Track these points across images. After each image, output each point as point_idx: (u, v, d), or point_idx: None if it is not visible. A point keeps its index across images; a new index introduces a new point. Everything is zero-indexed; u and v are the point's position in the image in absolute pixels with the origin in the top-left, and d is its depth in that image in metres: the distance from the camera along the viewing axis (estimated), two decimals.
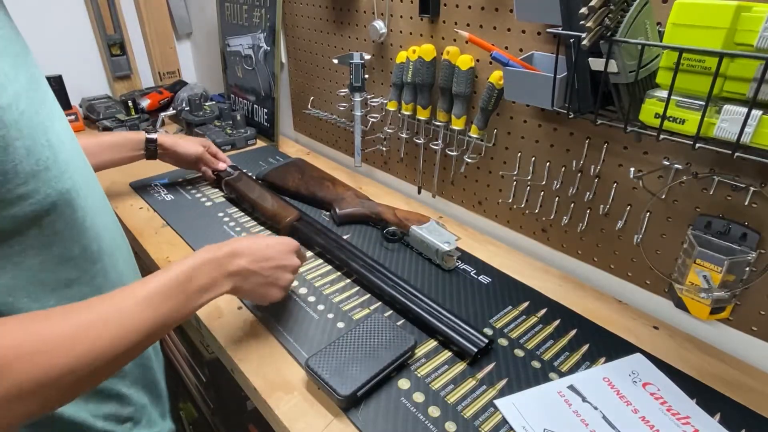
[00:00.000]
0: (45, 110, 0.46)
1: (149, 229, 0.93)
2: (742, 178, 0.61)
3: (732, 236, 0.63)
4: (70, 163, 0.48)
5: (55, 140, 0.46)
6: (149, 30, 1.61)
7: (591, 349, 0.67)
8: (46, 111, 0.47)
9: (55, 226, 0.46)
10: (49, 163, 0.44)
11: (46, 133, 0.45)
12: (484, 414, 0.57)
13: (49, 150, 0.44)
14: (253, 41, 1.33)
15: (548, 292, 0.78)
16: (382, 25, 0.97)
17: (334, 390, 0.56)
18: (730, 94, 0.50)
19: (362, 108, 1.05)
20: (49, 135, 0.45)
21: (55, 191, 0.45)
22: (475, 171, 0.94)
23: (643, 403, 0.59)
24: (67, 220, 0.47)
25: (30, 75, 0.46)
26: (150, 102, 1.51)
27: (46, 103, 0.47)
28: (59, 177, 0.45)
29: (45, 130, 0.45)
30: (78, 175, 0.49)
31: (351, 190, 1.01)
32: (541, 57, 0.72)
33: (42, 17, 1.42)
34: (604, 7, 0.52)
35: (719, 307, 0.67)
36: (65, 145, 0.48)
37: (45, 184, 0.43)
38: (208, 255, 0.56)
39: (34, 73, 0.48)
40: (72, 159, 0.49)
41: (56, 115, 0.50)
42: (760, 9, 0.46)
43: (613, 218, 0.76)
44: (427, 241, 0.82)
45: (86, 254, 0.51)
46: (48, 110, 0.47)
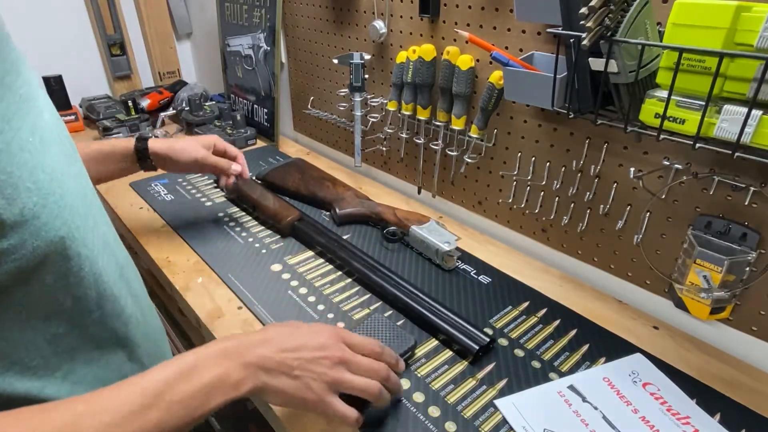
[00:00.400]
0: (36, 140, 0.39)
1: (149, 229, 0.93)
2: (742, 178, 0.61)
3: (732, 236, 0.63)
4: (66, 202, 0.40)
5: (46, 178, 0.38)
6: (149, 30, 1.61)
7: (591, 349, 0.67)
8: (38, 139, 0.39)
9: (43, 280, 0.39)
10: (37, 209, 0.37)
11: (34, 173, 0.37)
12: (484, 414, 0.57)
13: (38, 193, 0.37)
14: (253, 41, 1.33)
15: (548, 292, 0.78)
16: (382, 25, 0.97)
17: None
18: (730, 94, 0.50)
19: (362, 108, 1.05)
20: (37, 175, 0.37)
21: (45, 242, 0.38)
22: (475, 171, 0.94)
23: (643, 403, 0.59)
24: (58, 272, 0.40)
25: (18, 97, 0.38)
26: (150, 102, 1.51)
27: (36, 130, 0.39)
28: (50, 224, 0.38)
29: (32, 170, 0.37)
30: (76, 215, 0.42)
31: (351, 190, 1.01)
32: (541, 57, 0.72)
33: (42, 17, 1.42)
34: (604, 7, 0.52)
35: (719, 307, 0.67)
36: (60, 179, 0.40)
37: (32, 236, 0.37)
38: (227, 342, 0.45)
39: (25, 93, 0.40)
40: (68, 194, 0.41)
41: (51, 138, 0.42)
42: (760, 9, 0.46)
43: (613, 218, 0.76)
44: (427, 241, 0.82)
45: (80, 304, 0.43)
46: (40, 137, 0.39)
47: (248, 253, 0.85)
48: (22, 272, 0.37)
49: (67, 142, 0.46)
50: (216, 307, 0.74)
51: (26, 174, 0.36)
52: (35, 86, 0.42)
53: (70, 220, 0.40)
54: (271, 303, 0.74)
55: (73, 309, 0.43)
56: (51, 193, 0.38)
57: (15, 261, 0.36)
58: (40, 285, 0.39)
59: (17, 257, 0.36)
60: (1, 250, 0.35)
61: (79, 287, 0.42)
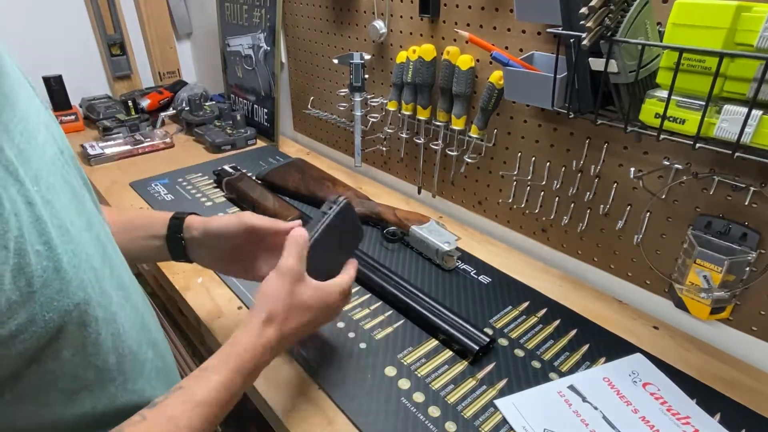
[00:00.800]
0: (42, 188, 0.33)
1: None
2: (742, 178, 0.61)
3: (732, 236, 0.63)
4: (81, 258, 0.35)
5: (57, 234, 0.33)
6: (149, 30, 1.61)
7: (591, 349, 0.67)
8: (44, 187, 0.33)
9: (60, 356, 0.34)
10: (48, 276, 0.31)
11: (43, 232, 0.32)
12: (484, 414, 0.57)
13: (49, 255, 0.32)
14: (253, 41, 1.33)
15: (548, 292, 0.78)
16: (382, 25, 0.97)
17: None
18: (730, 94, 0.50)
19: (362, 108, 1.05)
20: (48, 233, 0.32)
21: (59, 312, 0.32)
22: (475, 171, 0.94)
23: (643, 403, 0.59)
24: (76, 343, 0.35)
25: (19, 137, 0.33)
26: (150, 102, 1.51)
27: (41, 176, 0.33)
28: (64, 290, 0.33)
29: (43, 229, 0.31)
30: (91, 270, 0.36)
31: (351, 190, 1.01)
32: (541, 57, 0.72)
33: (42, 17, 1.42)
34: (604, 7, 0.52)
35: (719, 307, 0.67)
36: (71, 230, 0.35)
37: (43, 308, 0.31)
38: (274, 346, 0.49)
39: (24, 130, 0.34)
40: (82, 246, 0.36)
41: (56, 178, 0.36)
42: (760, 9, 0.46)
43: (613, 218, 0.76)
44: (427, 241, 0.82)
45: (103, 375, 0.39)
46: (45, 184, 0.34)
47: None
48: (35, 352, 0.32)
49: (73, 172, 0.41)
50: (216, 307, 0.74)
51: (34, 235, 0.31)
52: (33, 114, 0.37)
53: (86, 279, 0.35)
54: None
55: (96, 381, 0.38)
56: (64, 253, 0.33)
57: (25, 342, 0.31)
58: (58, 362, 0.34)
59: (27, 336, 0.31)
60: (9, 333, 0.30)
61: (98, 355, 0.38)
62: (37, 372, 0.33)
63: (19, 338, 0.30)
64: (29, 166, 0.33)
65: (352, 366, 0.63)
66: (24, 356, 0.32)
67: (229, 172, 1.05)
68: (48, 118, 0.40)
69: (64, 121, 1.41)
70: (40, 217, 0.32)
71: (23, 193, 0.31)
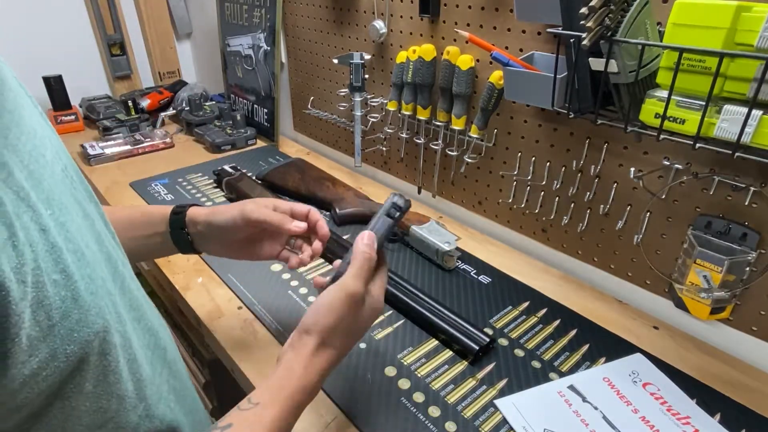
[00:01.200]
0: (54, 211, 0.31)
1: None
2: (742, 178, 0.61)
3: (732, 236, 0.63)
4: (97, 284, 0.33)
5: (73, 260, 0.31)
6: (149, 30, 1.61)
7: (591, 349, 0.67)
8: (56, 209, 0.31)
9: (83, 389, 0.32)
10: (66, 306, 0.29)
11: (60, 259, 0.29)
12: (485, 414, 0.57)
13: (66, 284, 0.30)
14: (253, 41, 1.33)
15: (548, 292, 0.78)
16: (382, 25, 0.97)
17: None
18: (731, 94, 0.50)
19: (362, 108, 1.05)
20: (64, 260, 0.30)
21: (80, 343, 0.31)
22: (475, 171, 0.94)
23: (643, 403, 0.59)
24: (98, 373, 0.33)
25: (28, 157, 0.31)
26: (150, 102, 1.51)
27: (53, 197, 0.31)
28: (83, 320, 0.31)
29: (59, 256, 0.29)
30: (106, 293, 0.35)
31: (351, 190, 1.01)
32: (541, 57, 0.72)
33: (42, 17, 1.42)
34: (604, 7, 0.52)
35: (719, 307, 0.67)
36: (85, 252, 0.33)
37: (64, 341, 0.29)
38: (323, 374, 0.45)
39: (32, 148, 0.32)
40: (96, 268, 0.34)
41: (66, 196, 0.34)
42: (760, 9, 0.46)
43: (613, 218, 0.76)
44: (428, 241, 0.82)
45: (124, 404, 0.37)
46: (57, 204, 0.32)
47: None
48: (58, 387, 0.30)
49: (78, 183, 0.38)
50: (216, 307, 0.74)
51: (50, 264, 0.29)
52: (39, 127, 0.35)
53: (103, 305, 0.33)
54: (271, 303, 0.73)
55: (119, 411, 0.36)
56: (81, 279, 0.31)
57: (48, 378, 0.29)
58: (81, 396, 0.32)
59: (50, 373, 0.29)
60: (30, 373, 0.28)
61: (119, 384, 0.36)
62: (62, 409, 0.32)
63: (42, 375, 0.29)
64: (40, 187, 0.31)
65: (352, 366, 0.63)
66: (47, 393, 0.30)
67: (229, 172, 1.05)
68: (50, 132, 0.37)
69: (64, 121, 1.41)
70: (55, 244, 0.30)
71: (36, 219, 0.29)
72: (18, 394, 0.28)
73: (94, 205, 0.40)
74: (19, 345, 0.26)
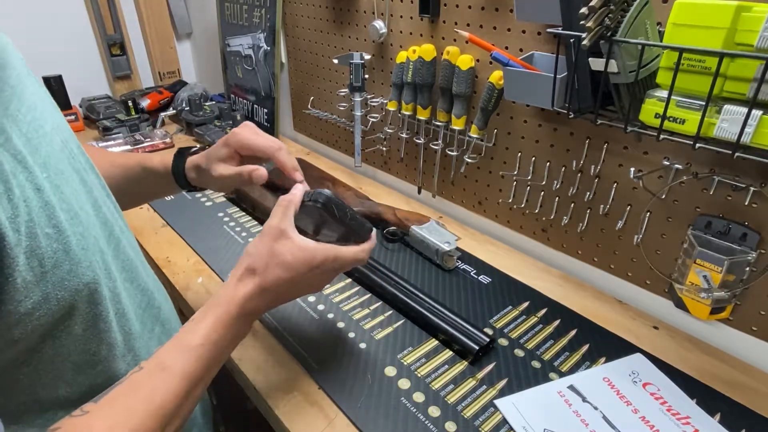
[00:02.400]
0: (50, 174, 0.35)
1: (149, 229, 0.93)
2: (742, 178, 0.61)
3: (732, 236, 0.63)
4: (89, 241, 0.37)
5: (66, 218, 0.35)
6: (149, 30, 1.61)
7: (591, 349, 0.67)
8: (52, 173, 0.35)
9: (72, 331, 0.37)
10: (58, 257, 0.34)
11: (53, 216, 0.33)
12: (484, 414, 0.57)
13: (58, 238, 0.34)
14: (253, 41, 1.33)
15: (548, 292, 0.78)
16: (382, 25, 0.97)
17: None
18: (730, 94, 0.50)
19: (362, 108, 1.05)
20: (57, 217, 0.34)
21: (70, 292, 0.35)
22: (475, 171, 0.94)
23: (643, 403, 0.59)
24: (87, 320, 0.38)
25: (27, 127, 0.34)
26: (150, 102, 1.51)
27: (49, 162, 0.35)
28: (74, 271, 0.35)
29: (50, 212, 0.33)
30: (98, 251, 0.38)
31: (351, 190, 1.01)
32: (541, 57, 0.72)
33: (42, 17, 1.42)
34: (604, 7, 0.52)
35: (719, 307, 0.67)
36: (79, 213, 0.37)
37: (55, 287, 0.34)
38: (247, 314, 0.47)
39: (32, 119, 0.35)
40: (90, 228, 0.38)
41: (63, 164, 0.37)
42: (760, 9, 0.46)
43: (613, 218, 0.76)
44: (428, 241, 0.82)
45: (113, 351, 0.42)
46: (54, 169, 0.35)
47: None
48: (49, 327, 0.35)
49: (78, 155, 0.42)
50: None
51: (44, 219, 0.32)
52: (40, 102, 0.38)
53: (94, 260, 0.37)
54: None
55: (108, 357, 0.41)
56: (73, 235, 0.35)
57: (40, 318, 0.33)
58: (70, 338, 0.37)
59: (42, 314, 0.33)
60: (25, 311, 0.32)
61: (109, 332, 0.40)
62: (52, 346, 0.36)
63: (35, 315, 0.33)
64: (37, 153, 0.34)
65: (352, 366, 0.63)
66: (39, 332, 0.34)
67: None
68: (53, 109, 0.42)
69: None
70: (49, 202, 0.33)
71: (32, 180, 0.33)
72: (14, 328, 0.33)
73: (94, 176, 0.44)
74: (14, 285, 0.31)
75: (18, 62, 0.38)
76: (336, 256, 0.50)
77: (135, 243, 0.49)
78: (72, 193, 0.37)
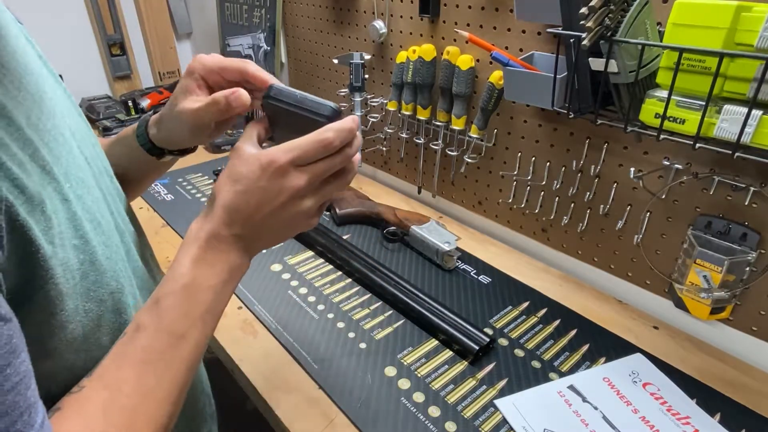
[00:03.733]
0: (74, 183, 0.34)
1: (149, 229, 0.93)
2: (742, 178, 0.61)
3: (732, 236, 0.63)
4: (111, 250, 0.37)
5: (90, 228, 0.35)
6: (149, 30, 1.61)
7: (591, 349, 0.67)
8: (74, 182, 0.35)
9: (101, 343, 0.37)
10: (85, 268, 0.33)
11: (79, 227, 0.33)
12: (484, 414, 0.57)
13: (85, 249, 0.34)
14: (253, 41, 1.33)
15: (548, 292, 0.78)
16: (382, 25, 0.97)
17: None
18: (730, 94, 0.50)
19: (362, 108, 1.05)
20: (83, 228, 0.34)
21: (96, 302, 0.35)
22: (475, 171, 0.94)
23: (643, 403, 0.59)
24: (114, 329, 0.38)
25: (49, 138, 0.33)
26: (150, 102, 1.51)
27: (71, 171, 0.35)
28: (99, 281, 0.35)
29: (78, 224, 0.33)
30: (119, 258, 0.38)
31: (351, 190, 1.01)
32: (541, 57, 0.72)
33: (42, 17, 1.42)
34: (604, 7, 0.52)
35: (719, 307, 0.67)
36: (101, 222, 0.37)
37: (83, 298, 0.33)
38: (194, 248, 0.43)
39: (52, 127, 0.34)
40: (111, 235, 0.38)
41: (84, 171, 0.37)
42: (760, 9, 0.46)
43: (613, 218, 0.76)
44: (428, 241, 0.82)
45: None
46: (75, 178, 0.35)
47: None
48: (81, 341, 0.34)
49: (95, 157, 0.42)
50: None
51: (71, 230, 0.32)
52: (58, 106, 0.37)
53: (118, 269, 0.37)
54: (271, 303, 0.74)
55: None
56: (98, 245, 0.35)
57: (74, 332, 0.33)
58: (101, 350, 0.36)
59: (74, 326, 0.33)
60: (60, 323, 0.32)
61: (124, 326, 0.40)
62: (84, 360, 0.35)
63: (68, 328, 0.32)
64: (59, 163, 0.34)
65: (352, 366, 0.63)
66: (74, 346, 0.34)
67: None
68: (69, 108, 0.40)
69: None
70: (75, 213, 0.33)
71: (59, 190, 0.32)
72: (47, 341, 0.32)
73: (108, 179, 0.44)
74: (47, 297, 0.30)
75: (36, 64, 0.37)
76: (290, 148, 0.39)
77: (143, 246, 0.48)
78: (93, 202, 0.37)
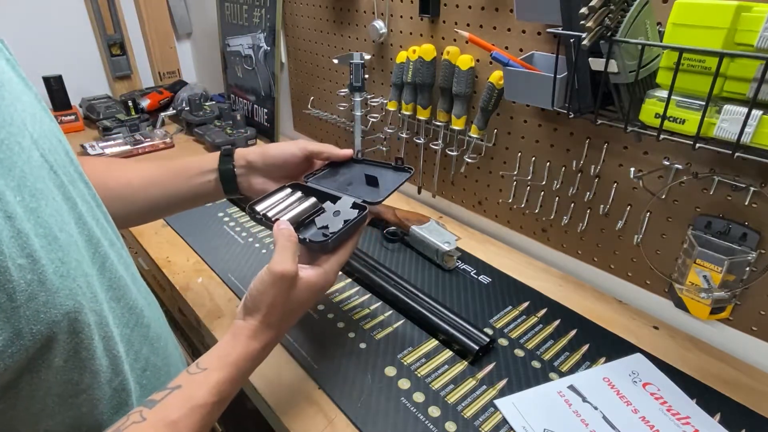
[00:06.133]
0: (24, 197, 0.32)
1: (149, 229, 0.93)
2: (742, 178, 0.61)
3: (732, 236, 0.63)
4: (69, 266, 0.34)
5: (42, 244, 0.32)
6: (149, 30, 1.61)
7: (591, 349, 0.67)
8: (27, 195, 0.32)
9: (52, 364, 0.34)
10: (33, 289, 0.30)
11: (26, 245, 0.30)
12: (484, 414, 0.57)
13: (33, 268, 0.30)
14: (253, 41, 1.33)
15: (548, 292, 0.78)
16: (382, 25, 0.97)
17: None
18: (730, 94, 0.50)
19: (362, 108, 1.04)
20: (30, 246, 0.31)
21: (47, 323, 0.31)
22: (475, 171, 0.94)
23: (643, 403, 0.59)
24: (68, 350, 0.34)
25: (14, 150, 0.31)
26: (150, 102, 1.52)
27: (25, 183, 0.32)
28: (51, 301, 0.32)
29: (25, 242, 0.30)
30: (81, 274, 0.35)
31: None
32: (541, 57, 0.72)
33: (42, 17, 1.42)
34: (604, 7, 0.52)
35: (719, 307, 0.67)
36: (59, 237, 0.34)
37: (30, 321, 0.30)
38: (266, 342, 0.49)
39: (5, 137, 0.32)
40: (71, 251, 0.35)
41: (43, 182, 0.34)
42: (760, 9, 0.46)
43: (613, 218, 0.76)
44: (428, 241, 0.82)
45: (99, 378, 0.38)
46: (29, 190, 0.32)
47: (248, 253, 0.85)
48: (26, 363, 0.32)
49: (66, 164, 0.39)
50: (216, 307, 0.74)
51: (15, 249, 0.29)
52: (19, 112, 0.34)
53: (75, 287, 0.34)
54: None
55: (93, 385, 0.38)
56: (49, 262, 0.32)
57: (14, 355, 0.30)
58: (51, 371, 0.34)
59: (15, 350, 0.30)
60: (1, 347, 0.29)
61: (93, 360, 0.37)
62: (30, 382, 0.33)
63: (7, 353, 0.30)
64: (10, 175, 0.31)
65: (352, 366, 0.63)
66: (14, 369, 0.31)
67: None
68: (39, 115, 0.38)
69: (64, 121, 1.42)
70: (22, 230, 0.30)
71: (2, 207, 0.30)
72: None
73: (83, 186, 0.41)
74: None
75: None
76: (337, 269, 0.54)
77: (126, 255, 0.46)
78: (51, 214, 0.34)
